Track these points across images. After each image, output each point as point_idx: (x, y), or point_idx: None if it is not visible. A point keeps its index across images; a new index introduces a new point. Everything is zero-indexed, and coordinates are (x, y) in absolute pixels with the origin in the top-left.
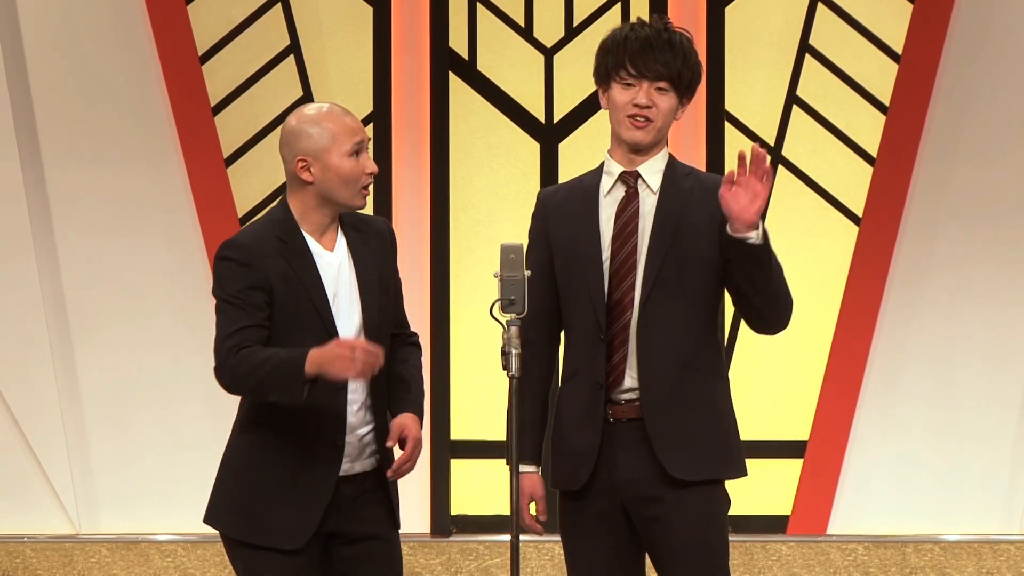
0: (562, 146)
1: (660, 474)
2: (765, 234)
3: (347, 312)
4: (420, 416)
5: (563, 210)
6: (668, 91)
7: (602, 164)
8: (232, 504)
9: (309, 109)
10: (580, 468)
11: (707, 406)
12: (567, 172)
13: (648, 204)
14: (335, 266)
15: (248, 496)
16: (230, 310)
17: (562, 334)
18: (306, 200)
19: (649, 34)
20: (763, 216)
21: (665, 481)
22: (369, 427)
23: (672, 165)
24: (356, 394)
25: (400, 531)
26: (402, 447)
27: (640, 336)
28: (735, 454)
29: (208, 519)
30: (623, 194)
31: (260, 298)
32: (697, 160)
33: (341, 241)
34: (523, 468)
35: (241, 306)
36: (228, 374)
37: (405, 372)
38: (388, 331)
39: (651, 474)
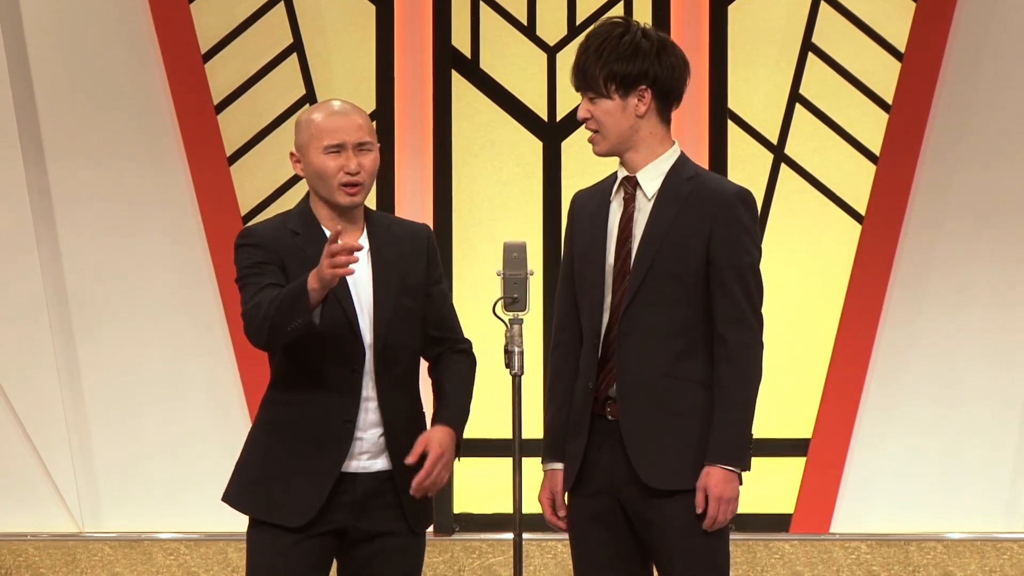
0: (565, 144)
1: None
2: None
3: (361, 309)
4: (455, 428)
5: (583, 213)
6: (597, 97)
7: None
8: (242, 480)
9: (315, 104)
10: (570, 469)
11: (687, 415)
12: (570, 170)
13: (643, 211)
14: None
15: (257, 472)
16: (248, 278)
17: None
18: (314, 195)
19: (580, 48)
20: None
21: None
22: (382, 428)
23: (677, 168)
24: (369, 391)
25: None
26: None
27: (619, 343)
28: None
29: (224, 496)
30: (623, 199)
31: (276, 271)
32: (700, 159)
33: (363, 240)
34: (551, 466)
35: (259, 272)
36: (252, 325)
37: (446, 382)
38: (410, 332)
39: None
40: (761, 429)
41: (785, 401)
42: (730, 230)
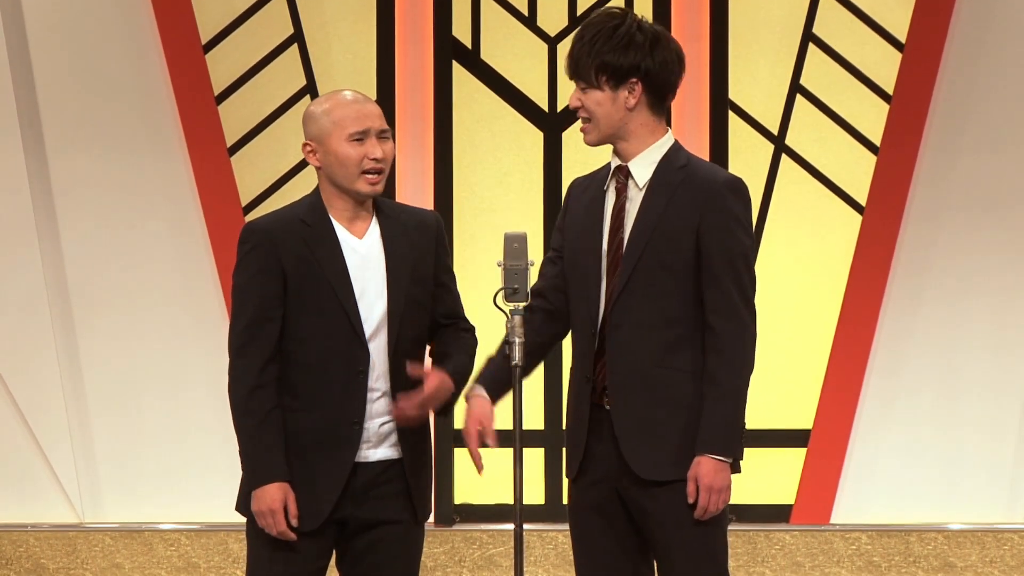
0: (565, 135)
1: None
2: (731, 442)
3: (373, 300)
4: (454, 378)
5: (579, 201)
6: (588, 87)
7: None
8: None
9: (324, 95)
10: (572, 460)
11: (679, 406)
12: (570, 161)
13: (634, 201)
14: (361, 254)
15: None
16: (241, 299)
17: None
18: (326, 186)
19: (575, 36)
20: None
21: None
22: (390, 416)
23: (669, 157)
24: (378, 383)
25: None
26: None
27: (610, 333)
28: None
29: (237, 506)
30: (615, 189)
31: (271, 284)
32: (700, 150)
33: (374, 229)
34: (477, 391)
35: (251, 296)
36: (231, 391)
37: (451, 347)
38: (419, 322)
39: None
40: (762, 420)
41: (785, 392)
42: (720, 219)
